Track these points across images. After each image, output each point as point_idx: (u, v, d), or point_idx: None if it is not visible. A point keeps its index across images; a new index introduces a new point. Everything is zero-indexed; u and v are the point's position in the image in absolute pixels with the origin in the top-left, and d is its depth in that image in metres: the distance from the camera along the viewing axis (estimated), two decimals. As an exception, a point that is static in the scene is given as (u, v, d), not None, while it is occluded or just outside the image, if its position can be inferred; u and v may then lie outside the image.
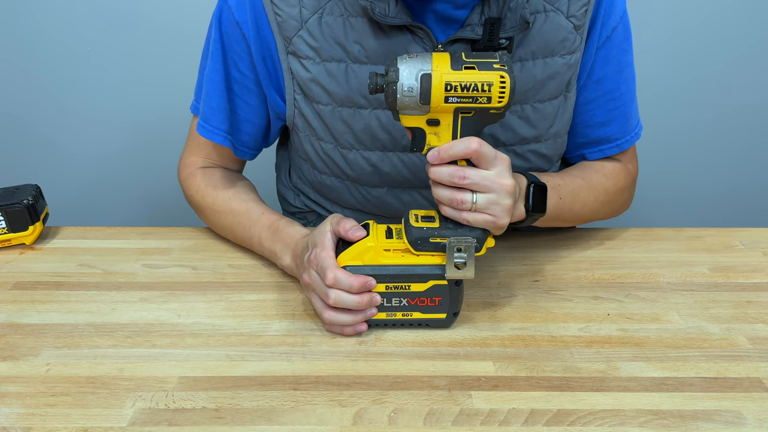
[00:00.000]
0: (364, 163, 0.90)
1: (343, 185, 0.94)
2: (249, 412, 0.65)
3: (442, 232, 0.73)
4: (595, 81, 0.92)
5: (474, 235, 0.72)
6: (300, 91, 0.89)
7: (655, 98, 1.57)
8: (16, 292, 0.84)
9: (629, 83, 0.94)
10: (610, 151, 0.96)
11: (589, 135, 0.95)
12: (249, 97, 0.93)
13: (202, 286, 0.85)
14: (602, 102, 0.93)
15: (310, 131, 0.92)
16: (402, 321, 0.76)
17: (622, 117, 0.95)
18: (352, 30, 0.85)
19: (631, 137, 0.96)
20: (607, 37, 0.90)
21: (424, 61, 0.68)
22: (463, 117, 0.70)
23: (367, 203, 0.95)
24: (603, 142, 0.96)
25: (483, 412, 0.65)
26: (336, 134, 0.89)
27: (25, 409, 0.65)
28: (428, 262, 0.73)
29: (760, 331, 0.78)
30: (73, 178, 1.64)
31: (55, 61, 1.53)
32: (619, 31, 0.91)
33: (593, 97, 0.93)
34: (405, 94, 0.68)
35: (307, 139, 0.93)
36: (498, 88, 0.67)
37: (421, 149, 0.72)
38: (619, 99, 0.94)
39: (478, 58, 0.68)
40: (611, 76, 0.92)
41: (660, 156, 1.65)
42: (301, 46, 0.86)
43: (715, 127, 1.64)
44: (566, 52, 0.87)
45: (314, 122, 0.90)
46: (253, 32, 0.87)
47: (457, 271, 0.72)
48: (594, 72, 0.91)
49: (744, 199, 1.73)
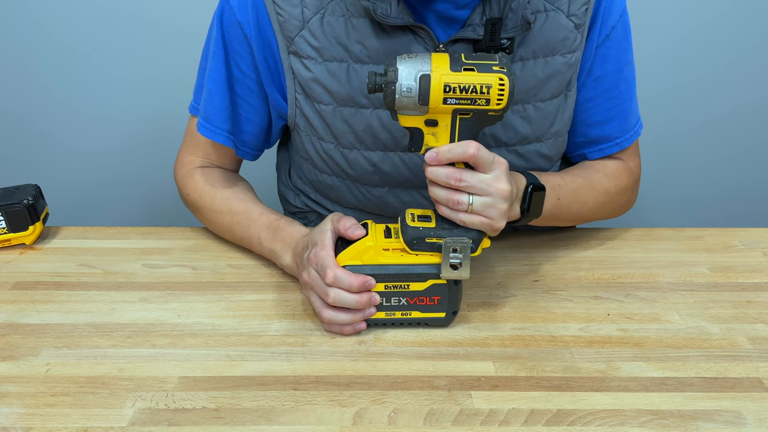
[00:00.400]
0: (365, 162, 0.90)
1: (344, 185, 0.94)
2: (249, 412, 0.65)
3: (438, 232, 0.73)
4: (594, 79, 0.92)
5: (470, 236, 0.72)
6: (301, 91, 0.89)
7: (655, 98, 1.57)
8: (16, 292, 0.84)
9: (629, 81, 0.95)
10: (610, 150, 0.96)
11: (589, 134, 0.96)
12: (251, 97, 0.93)
13: (202, 286, 0.85)
14: (601, 100, 0.93)
15: (311, 131, 0.92)
16: (401, 320, 0.76)
17: (621, 115, 0.95)
18: (354, 30, 0.85)
19: (631, 135, 0.97)
20: (606, 35, 0.90)
21: (423, 62, 0.68)
22: (462, 118, 0.70)
23: (367, 203, 0.95)
24: (603, 141, 0.96)
25: (483, 412, 0.65)
26: (337, 134, 0.89)
27: (25, 409, 0.65)
28: (427, 262, 0.73)
29: (760, 331, 0.78)
30: (72, 177, 1.64)
31: (55, 59, 1.52)
32: (619, 30, 0.91)
33: (592, 95, 0.93)
34: (404, 95, 0.68)
35: (308, 139, 0.93)
36: (497, 91, 0.67)
37: (418, 149, 0.72)
38: (618, 97, 0.94)
39: (478, 60, 0.68)
40: (610, 74, 0.92)
41: (660, 156, 1.65)
42: (303, 46, 0.86)
43: (715, 127, 1.64)
44: (567, 51, 0.87)
45: (315, 122, 0.90)
46: (255, 32, 0.88)
47: (453, 271, 0.72)
48: (593, 70, 0.92)
49: (744, 199, 1.73)
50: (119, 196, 1.68)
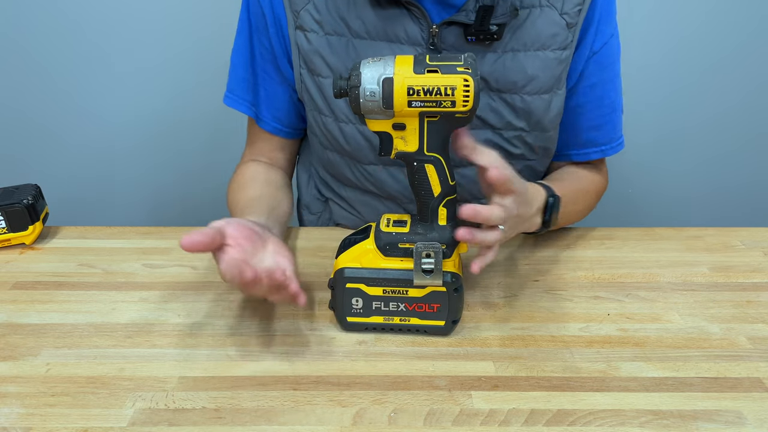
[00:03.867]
0: (359, 137, 0.93)
1: (344, 161, 0.98)
2: (249, 412, 0.65)
3: (410, 237, 0.72)
4: (589, 86, 0.95)
5: (443, 241, 0.71)
6: (305, 65, 0.93)
7: (655, 97, 1.58)
8: (16, 292, 0.84)
9: (618, 93, 0.99)
10: (594, 156, 1.00)
11: (579, 136, 0.99)
12: (271, 70, 0.98)
13: (202, 286, 0.85)
14: (593, 107, 0.97)
15: (312, 105, 0.96)
16: (400, 326, 0.75)
17: (610, 124, 0.99)
18: (355, 5, 0.89)
19: (616, 145, 1.01)
20: (603, 43, 0.93)
21: (386, 65, 0.67)
22: (429, 121, 0.68)
23: (365, 181, 0.98)
24: (589, 145, 1.00)
25: (483, 412, 0.65)
26: (334, 107, 0.93)
27: (25, 409, 0.65)
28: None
29: (760, 331, 0.78)
30: (73, 177, 1.64)
31: (55, 58, 1.52)
32: (614, 42, 0.95)
33: (585, 101, 0.96)
34: (368, 99, 0.67)
35: (311, 114, 0.97)
36: (462, 92, 0.66)
37: (388, 154, 0.71)
38: (610, 106, 0.98)
39: (442, 61, 0.67)
40: (605, 83, 0.96)
41: (660, 156, 1.65)
42: (307, 19, 0.91)
43: (716, 126, 1.64)
44: (557, 47, 0.90)
45: (316, 96, 0.94)
46: (269, 8, 0.93)
47: (425, 277, 0.72)
48: (589, 77, 0.95)
49: (744, 199, 1.73)
50: (119, 195, 1.68)
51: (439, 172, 0.70)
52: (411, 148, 0.70)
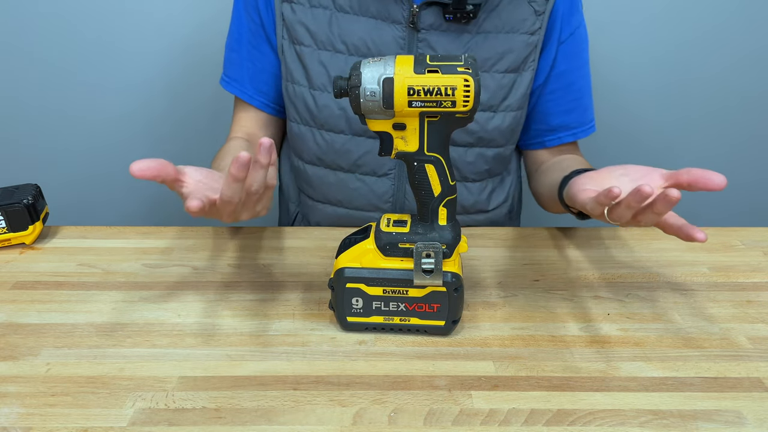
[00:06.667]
0: (334, 106, 0.98)
1: (309, 132, 1.02)
2: (249, 412, 0.65)
3: (410, 237, 0.72)
4: (558, 73, 1.04)
5: (443, 241, 0.72)
6: (287, 35, 0.99)
7: (655, 96, 1.57)
8: (16, 291, 0.84)
9: (587, 80, 1.07)
10: (567, 139, 1.08)
11: (550, 122, 1.07)
12: (260, 44, 1.03)
13: (202, 286, 0.85)
14: (563, 93, 1.05)
15: (287, 74, 1.01)
16: (400, 326, 0.75)
17: (581, 108, 1.07)
18: None
19: (587, 128, 1.09)
20: (570, 33, 1.02)
21: (386, 65, 0.67)
22: (430, 121, 0.68)
23: (329, 150, 1.01)
24: (561, 130, 1.07)
25: (483, 412, 0.65)
26: (312, 75, 0.98)
27: (25, 409, 0.65)
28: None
29: (760, 331, 0.78)
30: (73, 177, 1.64)
31: (55, 57, 1.52)
32: (581, 32, 1.04)
33: (556, 87, 1.05)
34: (368, 99, 0.67)
35: (284, 86, 1.03)
36: (462, 92, 0.66)
37: (389, 154, 0.71)
38: (579, 91, 1.06)
39: (443, 61, 0.67)
40: (573, 70, 1.05)
41: (660, 155, 1.65)
42: None
43: (715, 126, 1.64)
44: (526, 31, 0.99)
45: (292, 65, 1.00)
46: None
47: (425, 277, 0.72)
48: (558, 65, 1.03)
49: (744, 199, 1.73)
50: (119, 195, 1.68)
51: (440, 172, 0.70)
52: (411, 148, 0.70)
